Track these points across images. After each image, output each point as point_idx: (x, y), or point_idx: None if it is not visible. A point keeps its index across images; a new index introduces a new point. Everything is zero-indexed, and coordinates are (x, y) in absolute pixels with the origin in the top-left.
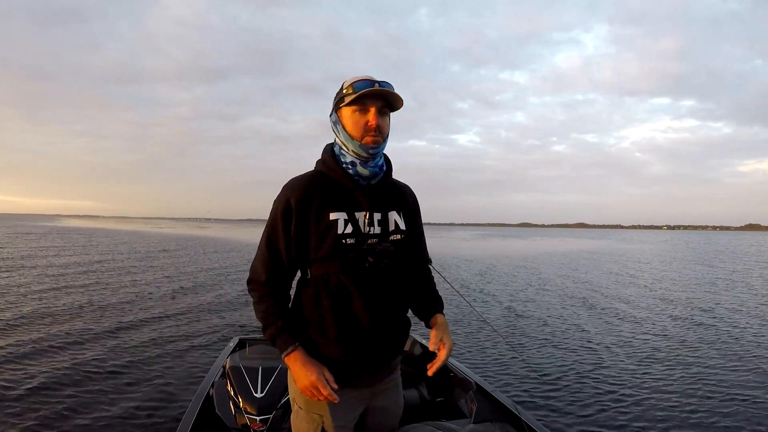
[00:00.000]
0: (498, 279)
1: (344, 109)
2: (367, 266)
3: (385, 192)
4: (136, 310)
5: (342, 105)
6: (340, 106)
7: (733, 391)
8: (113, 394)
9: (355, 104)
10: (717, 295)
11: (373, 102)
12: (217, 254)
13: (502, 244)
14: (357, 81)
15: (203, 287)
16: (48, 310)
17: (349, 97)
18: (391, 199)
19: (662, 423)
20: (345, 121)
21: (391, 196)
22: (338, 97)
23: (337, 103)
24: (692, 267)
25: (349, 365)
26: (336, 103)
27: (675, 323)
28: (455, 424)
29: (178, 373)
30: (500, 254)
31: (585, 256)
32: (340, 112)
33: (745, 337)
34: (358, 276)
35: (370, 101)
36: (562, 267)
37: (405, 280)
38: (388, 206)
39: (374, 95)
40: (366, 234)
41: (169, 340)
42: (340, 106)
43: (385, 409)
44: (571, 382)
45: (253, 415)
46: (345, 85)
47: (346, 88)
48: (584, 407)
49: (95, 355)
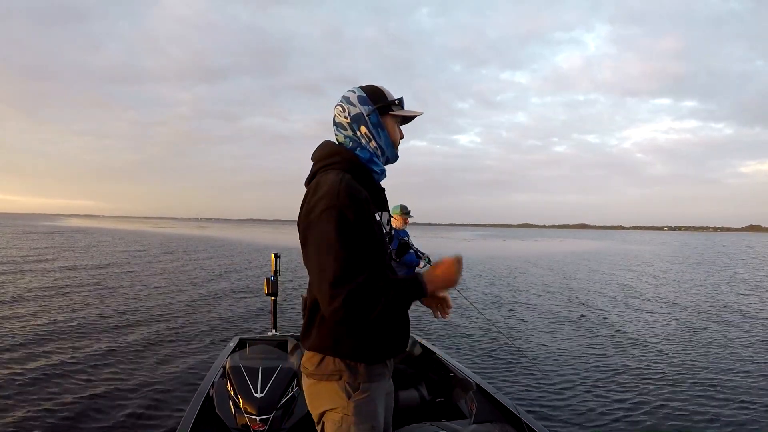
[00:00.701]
0: (499, 280)
1: (389, 117)
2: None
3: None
4: (136, 310)
5: (389, 112)
6: (387, 112)
7: (736, 393)
8: (113, 393)
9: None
10: (721, 296)
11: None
12: (217, 254)
13: (503, 245)
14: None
15: (203, 287)
16: (48, 310)
17: (398, 109)
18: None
19: (663, 424)
20: (390, 128)
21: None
22: (383, 102)
23: (383, 108)
24: (695, 269)
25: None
26: (380, 107)
27: (678, 325)
28: (455, 425)
29: (179, 373)
30: (501, 255)
31: (586, 257)
32: (386, 118)
33: (748, 339)
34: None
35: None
36: (564, 268)
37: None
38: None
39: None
40: (386, 233)
41: (170, 340)
42: (388, 113)
43: (391, 390)
44: (572, 383)
45: (253, 415)
46: (388, 94)
47: (393, 99)
48: (584, 408)
49: (95, 355)
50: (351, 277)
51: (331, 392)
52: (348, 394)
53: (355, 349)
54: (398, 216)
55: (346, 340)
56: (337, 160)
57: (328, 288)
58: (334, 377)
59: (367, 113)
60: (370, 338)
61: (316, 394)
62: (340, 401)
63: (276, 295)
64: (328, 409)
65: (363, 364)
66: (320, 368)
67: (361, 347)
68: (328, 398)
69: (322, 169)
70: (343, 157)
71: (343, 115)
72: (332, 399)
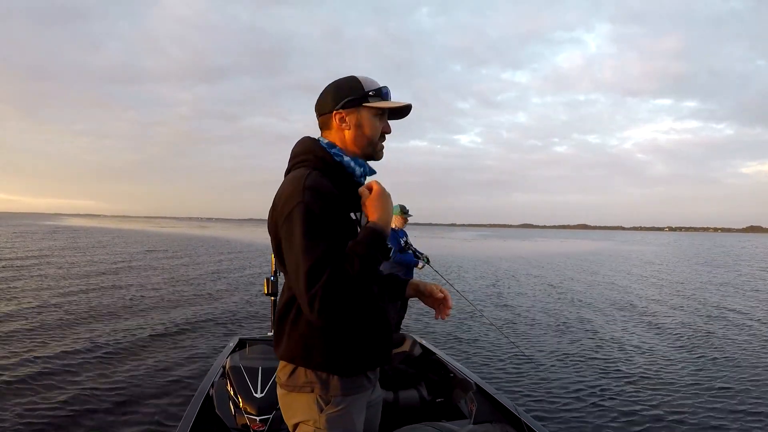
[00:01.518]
0: (500, 281)
1: (365, 109)
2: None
3: None
4: (136, 309)
5: (365, 104)
6: (362, 104)
7: (738, 395)
8: (113, 393)
9: (379, 109)
10: (726, 298)
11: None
12: (217, 254)
13: (504, 245)
14: (381, 86)
15: (203, 287)
16: (48, 309)
17: (377, 100)
18: None
19: (664, 424)
20: (365, 121)
21: None
22: (355, 94)
23: (356, 100)
24: (697, 270)
25: (368, 366)
26: (352, 99)
27: (681, 328)
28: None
29: (178, 373)
30: (502, 256)
31: (588, 259)
32: (360, 111)
33: (750, 341)
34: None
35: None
36: (565, 270)
37: None
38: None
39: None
40: None
41: (169, 340)
42: (362, 104)
43: (377, 400)
44: (572, 384)
45: (253, 415)
46: (364, 83)
47: (371, 89)
48: (585, 408)
49: (95, 354)
50: (322, 273)
51: (303, 404)
52: (320, 408)
53: (328, 360)
54: (397, 216)
55: (317, 349)
56: (309, 157)
57: (305, 290)
58: (305, 389)
59: (334, 108)
60: (344, 348)
61: (288, 405)
62: (312, 414)
63: (276, 295)
64: (300, 422)
65: (337, 376)
66: (292, 379)
67: (334, 358)
68: (300, 410)
69: (295, 167)
70: (315, 155)
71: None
72: (304, 411)
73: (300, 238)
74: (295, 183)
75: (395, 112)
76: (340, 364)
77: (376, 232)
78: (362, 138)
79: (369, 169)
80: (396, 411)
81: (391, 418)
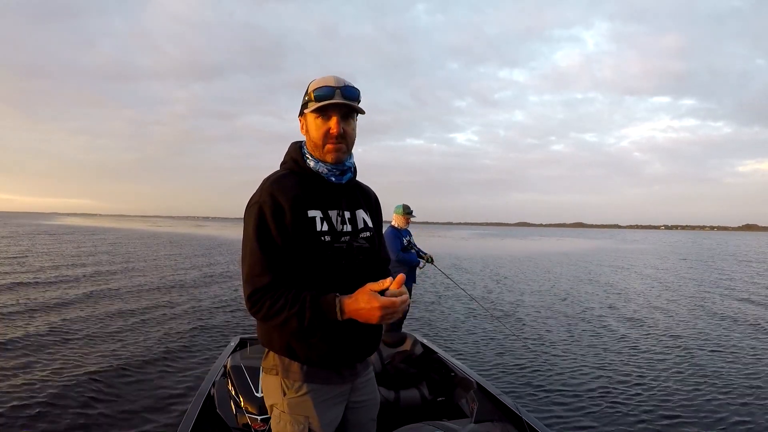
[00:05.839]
0: (502, 281)
1: (308, 114)
2: (344, 263)
3: (352, 191)
4: (136, 309)
5: (306, 111)
6: (304, 111)
7: (738, 394)
8: (114, 393)
9: (317, 111)
10: (726, 298)
11: (335, 108)
12: (216, 253)
13: (501, 243)
14: (319, 87)
15: (203, 286)
16: (47, 309)
17: (312, 104)
18: (358, 198)
19: (664, 424)
20: (309, 125)
21: (358, 195)
22: (303, 100)
23: (303, 105)
24: (694, 268)
25: (333, 362)
26: (302, 105)
27: (681, 327)
28: (456, 424)
29: (179, 373)
30: (500, 254)
31: (586, 257)
32: (305, 117)
33: (748, 340)
34: (337, 273)
35: (333, 107)
36: (565, 268)
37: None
38: (356, 205)
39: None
40: (340, 232)
41: (170, 340)
42: (305, 112)
43: (364, 402)
44: (574, 383)
45: (254, 414)
46: (309, 89)
47: (309, 94)
48: (586, 408)
49: (96, 354)
50: (256, 277)
51: (272, 387)
52: (283, 392)
53: (285, 347)
54: (400, 215)
55: (275, 336)
56: (287, 159)
57: (243, 283)
58: (272, 372)
59: (299, 115)
60: (299, 340)
61: (265, 387)
62: (277, 397)
63: None
64: (272, 404)
65: (297, 363)
66: (266, 362)
67: (291, 347)
68: (271, 393)
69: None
70: (291, 157)
71: None
72: (272, 394)
73: (247, 239)
74: (261, 183)
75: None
76: (296, 353)
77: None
78: (310, 141)
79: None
80: (397, 410)
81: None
